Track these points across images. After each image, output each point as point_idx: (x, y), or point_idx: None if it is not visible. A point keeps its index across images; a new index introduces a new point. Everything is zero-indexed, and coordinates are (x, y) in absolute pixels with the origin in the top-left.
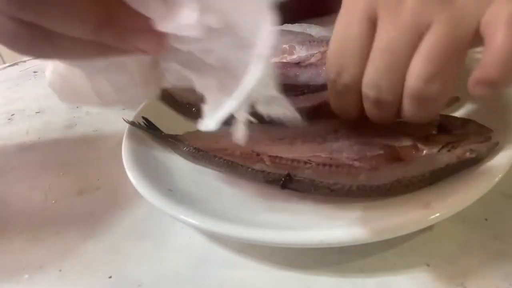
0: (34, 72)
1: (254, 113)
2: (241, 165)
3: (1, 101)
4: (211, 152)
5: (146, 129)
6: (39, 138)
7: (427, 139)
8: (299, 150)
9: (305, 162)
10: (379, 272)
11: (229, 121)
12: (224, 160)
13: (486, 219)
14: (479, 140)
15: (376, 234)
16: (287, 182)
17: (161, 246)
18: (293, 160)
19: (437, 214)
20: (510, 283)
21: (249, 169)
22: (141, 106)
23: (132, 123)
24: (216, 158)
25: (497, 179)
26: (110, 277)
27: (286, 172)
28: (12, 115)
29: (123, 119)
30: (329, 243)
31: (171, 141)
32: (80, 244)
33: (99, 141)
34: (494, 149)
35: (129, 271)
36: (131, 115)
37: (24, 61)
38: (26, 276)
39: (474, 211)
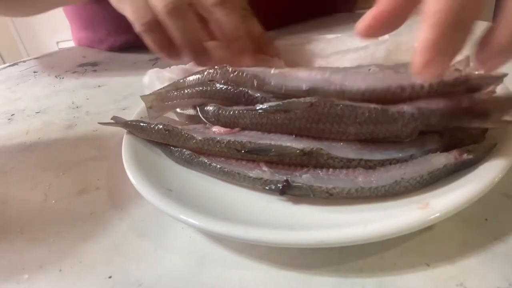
0: (34, 72)
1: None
2: (238, 173)
3: (1, 101)
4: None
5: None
6: (39, 138)
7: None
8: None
9: (302, 167)
10: (379, 272)
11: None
12: (219, 167)
13: (486, 219)
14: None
15: (376, 234)
16: (286, 188)
17: (161, 246)
18: (290, 165)
19: (437, 214)
20: (510, 283)
21: (246, 177)
22: (140, 107)
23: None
24: (212, 166)
25: (497, 179)
26: (110, 277)
27: (284, 178)
28: (12, 115)
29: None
30: (329, 243)
31: (164, 148)
32: (80, 244)
33: (99, 141)
34: (491, 150)
35: (129, 271)
36: (130, 115)
37: (24, 61)
38: (26, 276)
39: (474, 211)
